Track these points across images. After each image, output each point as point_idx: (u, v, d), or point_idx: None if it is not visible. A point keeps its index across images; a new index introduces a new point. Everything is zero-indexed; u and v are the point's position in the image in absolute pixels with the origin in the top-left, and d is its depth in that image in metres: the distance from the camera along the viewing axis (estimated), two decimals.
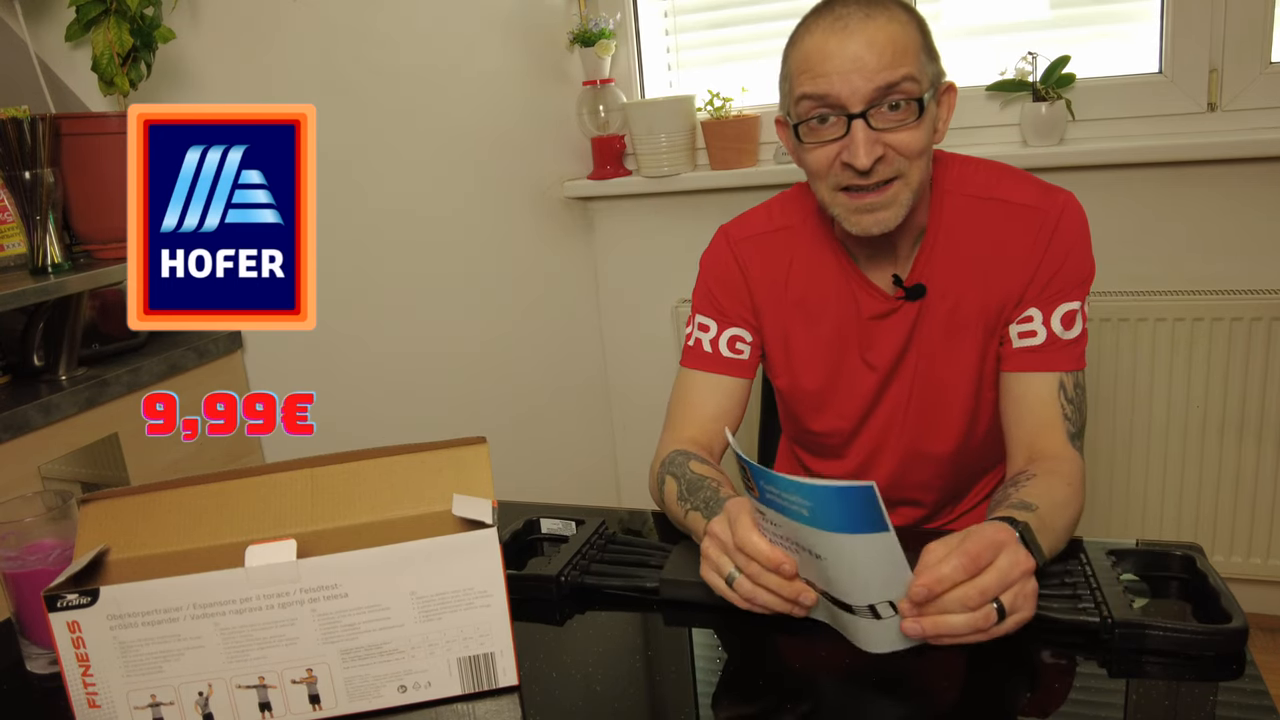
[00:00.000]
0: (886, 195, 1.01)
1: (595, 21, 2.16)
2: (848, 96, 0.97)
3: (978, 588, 0.74)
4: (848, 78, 0.96)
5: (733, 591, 0.82)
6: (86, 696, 0.75)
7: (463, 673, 0.79)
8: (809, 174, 1.06)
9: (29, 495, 0.88)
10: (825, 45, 0.97)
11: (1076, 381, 1.05)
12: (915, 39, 0.99)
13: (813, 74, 0.98)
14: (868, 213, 1.02)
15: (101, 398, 1.42)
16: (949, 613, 0.74)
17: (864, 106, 0.97)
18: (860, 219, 1.02)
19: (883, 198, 1.01)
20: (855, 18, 0.96)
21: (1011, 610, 0.75)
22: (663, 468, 1.08)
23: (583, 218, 2.34)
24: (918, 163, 1.01)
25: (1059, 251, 1.05)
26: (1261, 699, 0.71)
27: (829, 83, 0.97)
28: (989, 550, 0.75)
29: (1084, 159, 1.85)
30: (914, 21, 1.00)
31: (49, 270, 1.35)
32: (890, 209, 1.01)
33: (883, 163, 0.99)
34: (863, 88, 0.96)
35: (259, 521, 0.82)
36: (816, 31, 0.98)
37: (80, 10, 1.37)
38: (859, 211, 1.02)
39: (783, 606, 0.80)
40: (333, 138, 1.78)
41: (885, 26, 0.96)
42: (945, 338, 1.11)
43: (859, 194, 1.01)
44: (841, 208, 1.03)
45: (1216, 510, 1.91)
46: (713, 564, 0.84)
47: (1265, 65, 1.78)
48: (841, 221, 1.05)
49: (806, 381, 1.17)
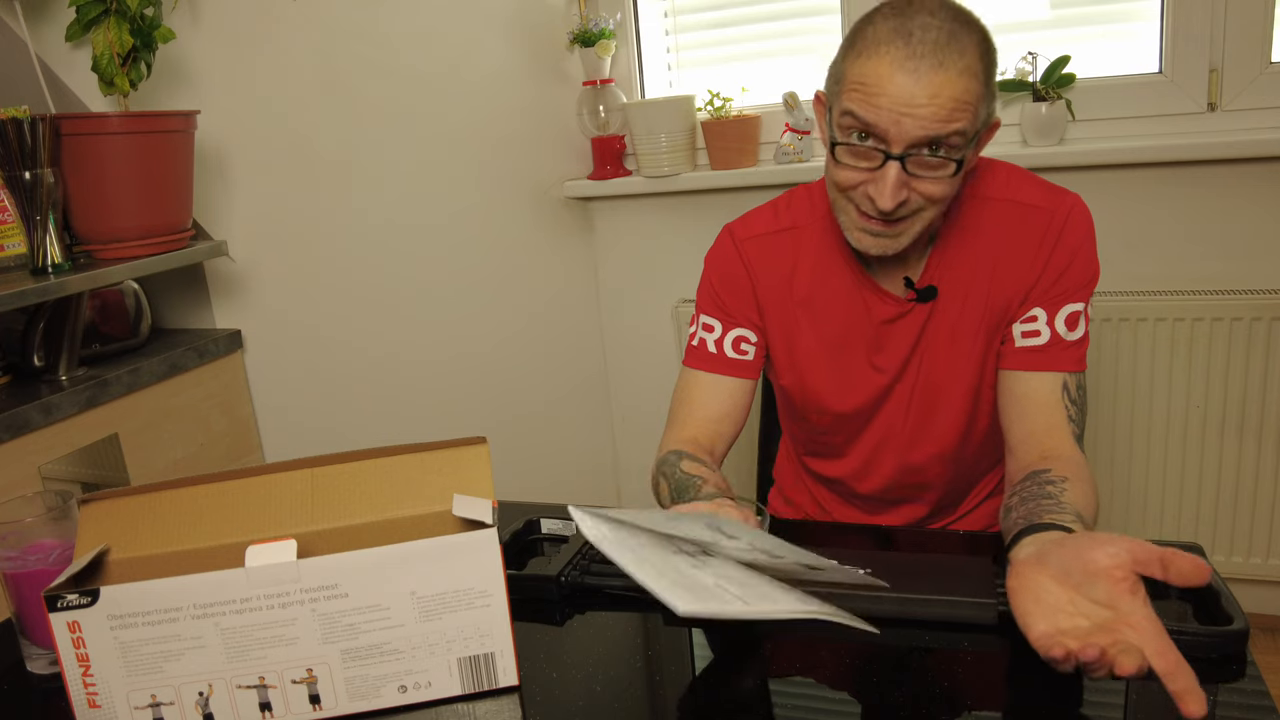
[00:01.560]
0: (898, 228, 1.00)
1: (595, 21, 2.16)
2: (894, 137, 0.94)
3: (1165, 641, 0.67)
4: (899, 120, 0.93)
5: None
6: (87, 696, 0.75)
7: (463, 673, 0.79)
8: (828, 181, 1.05)
9: (29, 495, 0.88)
10: (887, 79, 0.92)
11: (1079, 383, 1.05)
12: (979, 90, 0.94)
13: (866, 98, 0.94)
14: (874, 237, 1.01)
15: (101, 398, 1.42)
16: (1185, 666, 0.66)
17: (904, 150, 0.94)
18: (864, 239, 1.02)
19: (893, 229, 1.00)
20: (927, 63, 0.91)
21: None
22: (658, 469, 1.08)
23: (583, 218, 2.34)
24: (938, 206, 1.00)
25: (1065, 252, 1.05)
26: (1262, 699, 0.71)
27: (878, 115, 0.94)
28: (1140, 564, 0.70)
29: (1084, 159, 1.85)
30: (984, 65, 0.95)
31: (49, 270, 1.35)
32: (897, 239, 1.01)
33: (905, 205, 0.98)
34: (911, 132, 0.93)
35: (259, 521, 0.82)
36: (886, 58, 0.93)
37: (80, 10, 1.37)
38: (865, 233, 1.02)
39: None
40: (332, 138, 1.79)
41: (955, 81, 0.92)
42: (950, 338, 1.11)
43: (871, 219, 1.00)
44: (850, 220, 1.03)
45: (1216, 510, 1.91)
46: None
47: (1265, 65, 1.78)
48: (845, 232, 1.05)
49: (810, 382, 1.17)
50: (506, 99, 2.11)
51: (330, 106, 1.78)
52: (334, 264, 1.82)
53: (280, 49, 1.70)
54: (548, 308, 2.26)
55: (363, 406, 1.87)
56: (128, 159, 1.39)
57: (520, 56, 2.14)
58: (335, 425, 1.82)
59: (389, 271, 1.91)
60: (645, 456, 1.16)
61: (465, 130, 2.02)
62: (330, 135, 1.79)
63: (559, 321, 2.30)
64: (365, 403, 1.88)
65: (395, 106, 1.88)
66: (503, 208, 2.13)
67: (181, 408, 1.56)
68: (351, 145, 1.82)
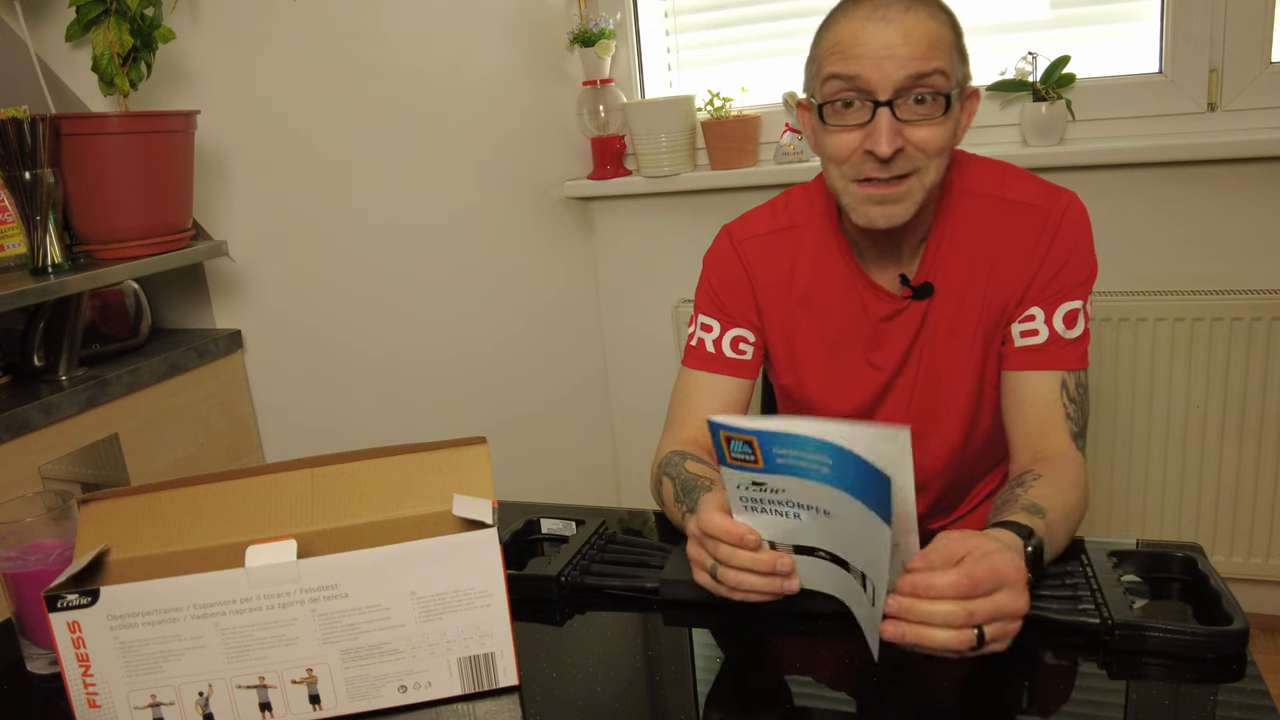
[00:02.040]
0: (900, 189, 1.00)
1: (595, 21, 2.16)
2: (878, 82, 0.96)
3: (967, 610, 0.72)
4: (880, 63, 0.96)
5: (720, 585, 0.81)
6: (87, 696, 0.75)
7: (463, 673, 0.79)
8: (825, 159, 1.05)
9: (29, 495, 0.88)
10: (863, 29, 0.97)
11: (1079, 381, 1.05)
12: (950, 37, 0.99)
13: (844, 55, 0.98)
14: (879, 205, 1.01)
15: (102, 398, 1.42)
16: (933, 626, 0.72)
17: (891, 94, 0.96)
18: (870, 210, 1.02)
19: (896, 191, 1.00)
20: (896, 8, 0.96)
21: (990, 640, 0.73)
22: (660, 469, 1.08)
23: (583, 218, 2.34)
24: (936, 161, 1.00)
25: (1061, 251, 1.05)
26: (1262, 699, 0.71)
27: (860, 65, 0.97)
28: (991, 580, 0.73)
29: (1084, 159, 1.85)
30: (950, 22, 1.00)
31: (49, 270, 1.35)
32: (902, 204, 1.01)
33: (901, 156, 0.98)
34: (894, 74, 0.96)
35: (259, 521, 0.82)
36: (856, 16, 0.98)
37: (80, 10, 1.37)
38: (871, 203, 1.01)
39: (766, 585, 0.79)
40: (332, 138, 1.79)
41: (924, 21, 0.96)
42: (949, 337, 1.11)
43: (875, 185, 1.01)
44: (853, 197, 1.03)
45: (1217, 510, 1.91)
46: (696, 562, 0.83)
47: (1265, 65, 1.78)
48: (850, 212, 1.04)
49: (810, 381, 1.17)
50: (506, 99, 2.11)
51: (330, 106, 1.78)
52: (334, 264, 1.82)
53: (280, 49, 1.70)
54: (548, 308, 2.26)
55: (363, 406, 1.87)
56: (128, 159, 1.39)
57: (520, 56, 2.14)
58: (335, 425, 1.82)
59: (389, 271, 1.91)
60: (645, 456, 1.16)
61: (465, 130, 2.02)
62: (330, 135, 1.79)
63: (559, 321, 2.30)
64: (365, 403, 1.88)
65: (395, 106, 1.88)
66: (503, 208, 2.13)
67: (181, 408, 1.56)
68: (351, 145, 1.82)
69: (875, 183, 1.00)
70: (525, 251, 2.20)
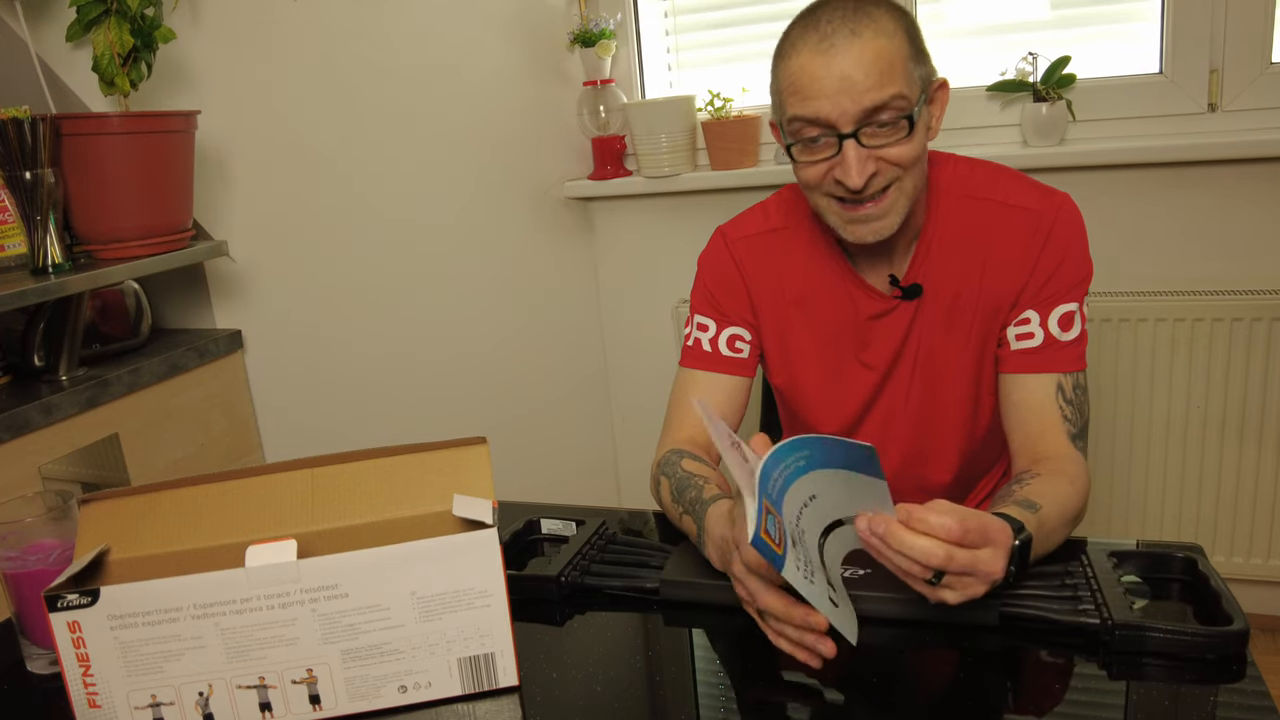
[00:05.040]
0: (883, 205, 1.01)
1: (595, 22, 2.15)
2: (837, 118, 0.96)
3: (945, 552, 0.73)
4: (835, 99, 0.95)
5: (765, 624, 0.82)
6: (87, 696, 0.75)
7: (463, 673, 0.79)
8: (802, 185, 1.06)
9: (29, 495, 0.88)
10: (812, 67, 0.96)
11: (1076, 382, 1.05)
12: (903, 49, 0.97)
13: (802, 96, 0.98)
14: (863, 223, 1.02)
15: (102, 398, 1.42)
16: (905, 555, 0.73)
17: (854, 127, 0.96)
18: (857, 229, 1.03)
19: (879, 208, 1.01)
20: (840, 36, 0.95)
21: (946, 586, 0.75)
22: (658, 469, 1.09)
23: (583, 218, 2.34)
24: (913, 170, 1.00)
25: (1054, 254, 1.05)
26: (1262, 700, 0.71)
27: (818, 105, 0.96)
28: (979, 536, 0.75)
29: (1084, 159, 1.85)
30: (901, 29, 0.98)
31: (49, 270, 1.35)
32: (886, 218, 1.01)
33: (877, 176, 0.99)
34: (851, 109, 0.95)
35: (259, 521, 0.82)
36: (804, 50, 0.97)
37: (80, 10, 1.37)
38: (854, 222, 1.02)
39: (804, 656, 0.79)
40: (332, 138, 1.79)
41: (871, 43, 0.95)
42: (943, 337, 1.11)
43: (854, 206, 1.01)
44: (838, 217, 1.04)
45: (1217, 510, 1.91)
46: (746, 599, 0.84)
47: (1265, 65, 1.78)
48: (838, 230, 1.05)
49: (804, 380, 1.17)
50: (506, 99, 2.11)
51: (330, 106, 1.78)
52: (334, 264, 1.82)
53: (280, 49, 1.70)
54: (548, 308, 2.26)
55: (363, 406, 1.87)
56: (128, 159, 1.39)
57: (520, 56, 2.14)
58: (335, 425, 1.82)
59: (389, 272, 1.91)
60: (645, 456, 1.16)
61: (465, 130, 2.02)
62: (330, 135, 1.79)
63: (559, 321, 2.30)
64: (365, 403, 1.88)
65: (395, 106, 1.88)
66: (503, 208, 2.13)
67: (182, 408, 1.56)
68: (351, 145, 1.82)
69: (854, 204, 1.01)
70: (525, 251, 2.20)
